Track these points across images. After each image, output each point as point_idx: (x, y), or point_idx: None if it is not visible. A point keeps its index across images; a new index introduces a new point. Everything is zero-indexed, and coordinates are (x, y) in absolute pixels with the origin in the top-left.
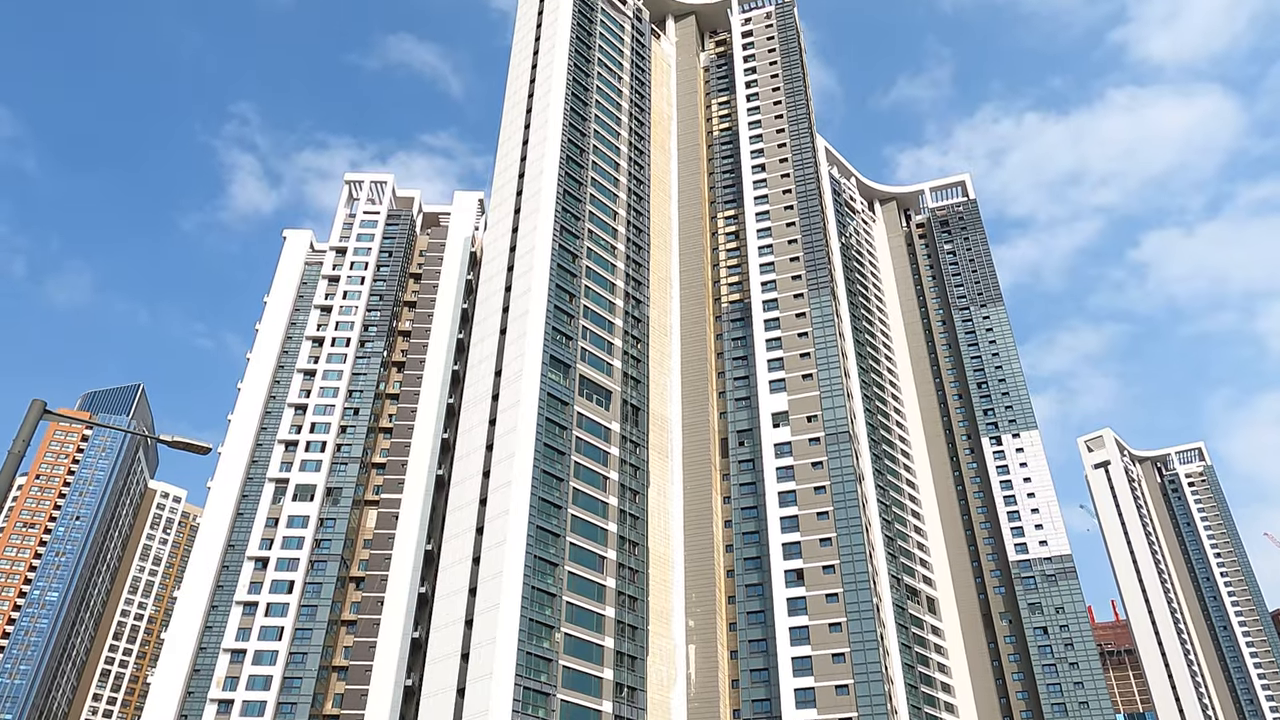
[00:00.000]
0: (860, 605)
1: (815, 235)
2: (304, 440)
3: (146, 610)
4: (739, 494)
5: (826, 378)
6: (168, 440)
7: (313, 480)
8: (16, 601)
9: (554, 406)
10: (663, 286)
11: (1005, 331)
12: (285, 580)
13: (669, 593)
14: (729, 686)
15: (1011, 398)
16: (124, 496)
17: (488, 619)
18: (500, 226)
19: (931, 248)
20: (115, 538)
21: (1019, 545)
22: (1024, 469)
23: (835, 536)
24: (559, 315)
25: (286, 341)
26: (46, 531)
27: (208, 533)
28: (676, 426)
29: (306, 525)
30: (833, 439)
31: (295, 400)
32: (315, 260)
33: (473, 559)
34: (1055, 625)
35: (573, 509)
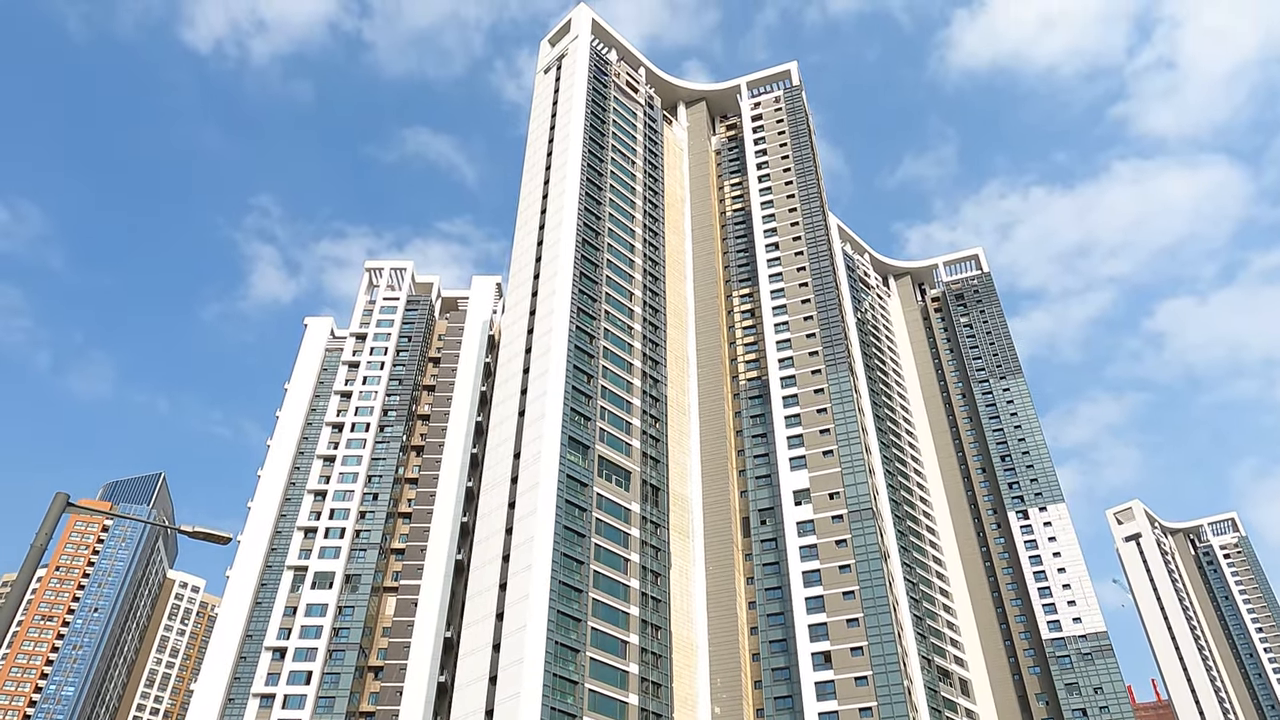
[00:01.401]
0: (890, 688)
1: (831, 311)
2: (323, 526)
3: (163, 705)
4: (762, 574)
5: (847, 454)
6: (188, 531)
7: (331, 567)
8: (32, 697)
9: (573, 488)
10: (680, 365)
11: (1026, 403)
12: (303, 671)
13: (693, 677)
14: None
15: (1036, 470)
16: (143, 586)
17: (508, 709)
18: (518, 309)
19: (948, 321)
20: (133, 629)
21: (1052, 623)
22: (1053, 543)
23: (862, 616)
24: (577, 396)
25: (306, 428)
26: (64, 624)
27: (225, 623)
28: (697, 506)
29: (325, 614)
30: (856, 516)
31: (315, 486)
32: (335, 347)
33: (493, 646)
34: (1094, 706)
35: (593, 593)
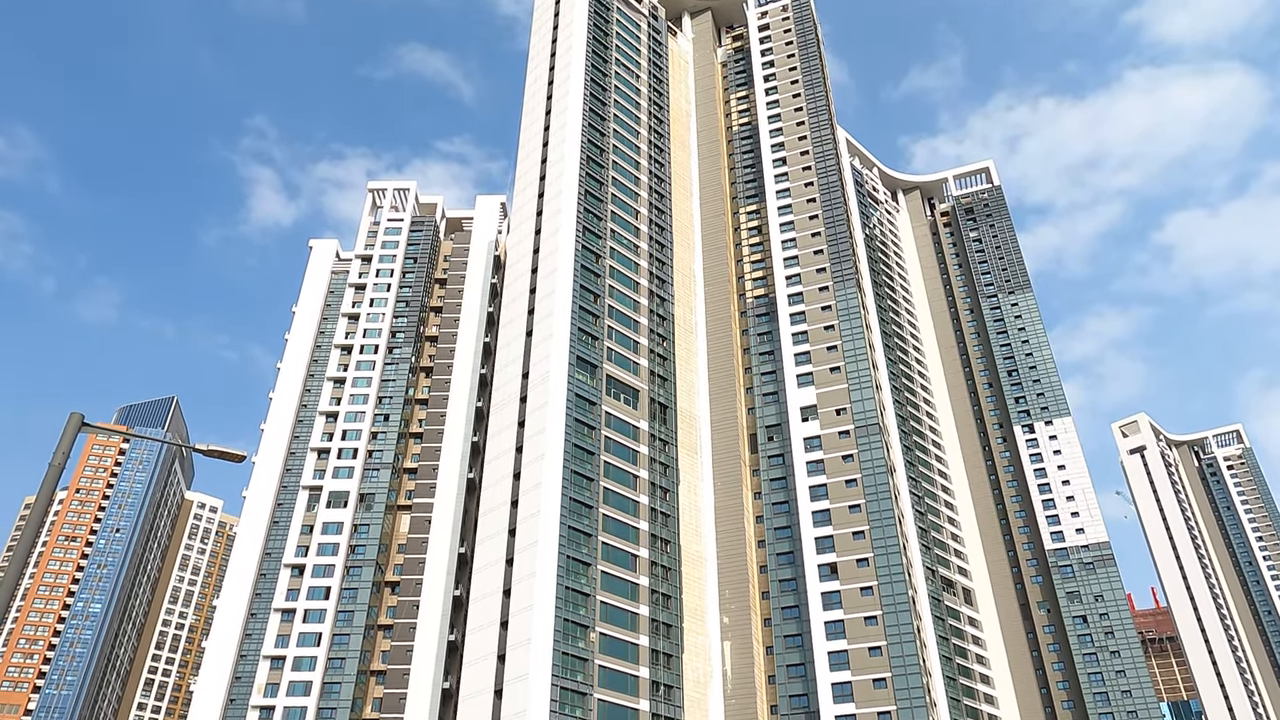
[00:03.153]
0: (896, 598)
1: (839, 227)
2: (336, 447)
3: (187, 620)
4: (769, 489)
5: (854, 370)
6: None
7: (346, 487)
8: (61, 614)
9: (582, 407)
10: (686, 284)
11: (1034, 318)
12: (322, 586)
13: (703, 590)
14: (765, 682)
15: (1043, 384)
16: (162, 508)
17: (523, 620)
18: (523, 229)
19: (957, 236)
20: (155, 549)
21: (1055, 534)
22: (1058, 456)
23: (868, 529)
24: (584, 316)
25: (315, 350)
26: (88, 544)
27: (244, 541)
28: (705, 423)
29: (341, 531)
30: (862, 431)
31: (326, 408)
32: (341, 269)
33: (506, 561)
34: (1095, 614)
35: (604, 508)
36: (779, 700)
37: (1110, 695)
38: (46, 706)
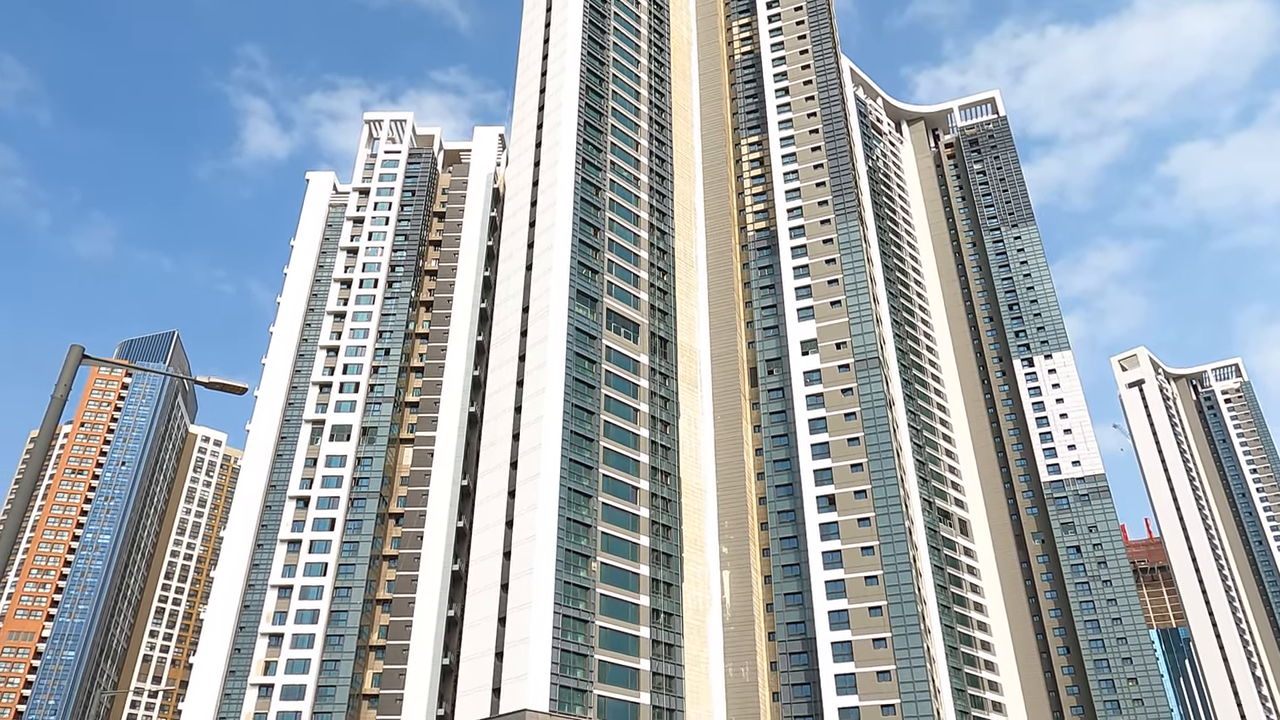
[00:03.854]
0: (893, 529)
1: (842, 159)
2: (337, 381)
3: (195, 550)
4: (769, 422)
5: (855, 304)
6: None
7: (348, 420)
8: (71, 545)
9: (582, 341)
10: (687, 217)
11: (1037, 251)
12: (327, 518)
13: (702, 521)
14: (764, 610)
15: (1044, 318)
16: (166, 441)
17: (525, 550)
18: (521, 161)
19: (961, 168)
20: (161, 481)
21: (1051, 466)
22: (1056, 389)
23: (866, 462)
24: (584, 249)
25: (315, 285)
26: (94, 477)
27: (249, 474)
28: (705, 357)
29: (344, 464)
30: (862, 365)
31: (327, 342)
32: (339, 202)
33: (508, 492)
34: (1088, 544)
35: (604, 441)
36: (777, 627)
37: (1101, 623)
38: (61, 634)
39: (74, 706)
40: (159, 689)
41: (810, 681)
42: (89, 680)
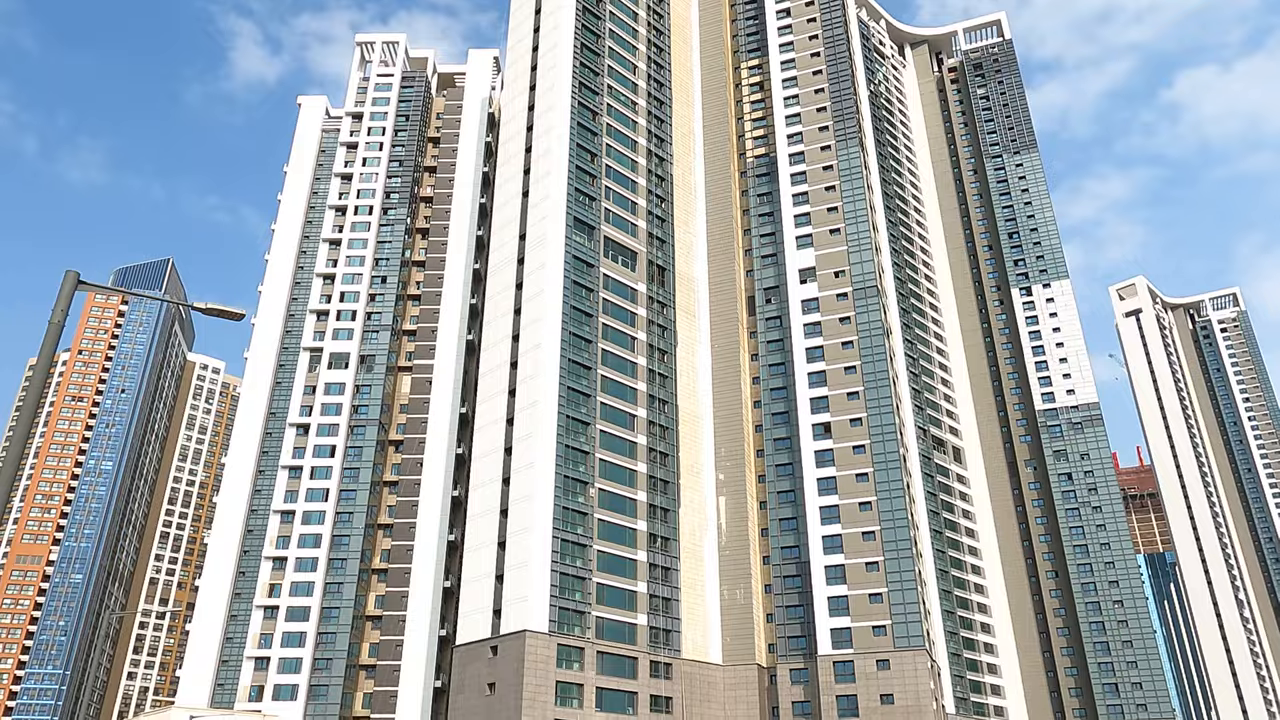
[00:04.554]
0: (887, 455)
1: (844, 83)
2: (334, 309)
3: (197, 477)
4: (766, 351)
5: (854, 232)
6: (202, 308)
7: (346, 348)
8: (74, 471)
9: (579, 269)
10: (686, 143)
11: (1038, 179)
12: (327, 445)
13: (699, 448)
14: (759, 535)
15: (1043, 247)
16: (165, 369)
17: (524, 476)
18: (517, 85)
19: (964, 93)
20: (161, 409)
21: (1046, 394)
22: (1053, 319)
23: (862, 390)
24: (581, 176)
25: (310, 212)
26: (94, 405)
27: (248, 402)
28: (703, 285)
29: (343, 392)
30: (860, 294)
31: (323, 270)
32: (332, 127)
33: (506, 420)
34: (1080, 471)
35: (602, 369)
36: (771, 551)
37: (1089, 548)
38: (68, 558)
39: (83, 627)
40: (166, 610)
41: (804, 604)
42: (97, 602)
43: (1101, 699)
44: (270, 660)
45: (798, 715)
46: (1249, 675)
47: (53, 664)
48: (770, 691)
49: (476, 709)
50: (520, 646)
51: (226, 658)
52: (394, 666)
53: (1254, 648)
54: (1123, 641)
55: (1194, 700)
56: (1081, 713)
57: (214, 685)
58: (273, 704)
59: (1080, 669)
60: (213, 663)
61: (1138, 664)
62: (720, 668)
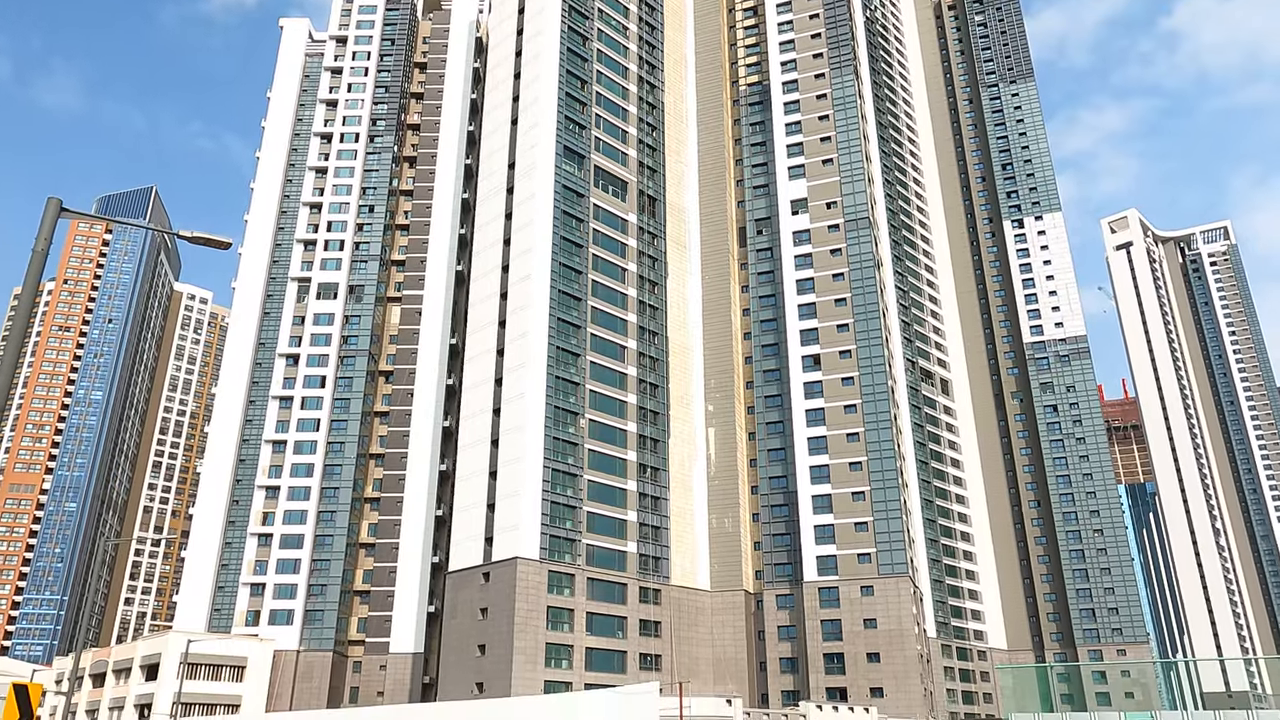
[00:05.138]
0: (875, 388)
1: (839, 8)
2: (322, 239)
3: (188, 407)
4: (757, 283)
5: (847, 162)
6: (188, 236)
7: (334, 279)
8: (64, 401)
9: (569, 199)
10: (678, 70)
11: (1034, 109)
12: (317, 376)
13: (689, 379)
14: (747, 465)
15: (1036, 179)
16: (152, 299)
17: (515, 407)
18: (504, 9)
19: (962, 20)
20: (149, 339)
21: (1034, 327)
22: (1044, 251)
23: (852, 322)
24: (571, 103)
25: (295, 139)
26: (82, 334)
27: (237, 332)
28: (694, 216)
29: (332, 323)
30: (852, 225)
31: (309, 199)
32: (315, 52)
33: (497, 351)
34: (1065, 403)
35: (592, 301)
36: (759, 481)
37: (1072, 478)
38: (61, 486)
39: (79, 554)
40: (161, 538)
41: (790, 532)
42: (93, 529)
43: (1078, 624)
44: (266, 586)
45: (782, 639)
46: (1222, 602)
47: (50, 590)
48: (756, 616)
49: (470, 633)
50: (512, 573)
51: (222, 584)
52: (388, 592)
53: (1228, 575)
54: (1101, 568)
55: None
56: (1058, 636)
57: (211, 610)
58: (269, 628)
59: (1058, 595)
60: (209, 589)
61: (1114, 590)
62: (708, 593)
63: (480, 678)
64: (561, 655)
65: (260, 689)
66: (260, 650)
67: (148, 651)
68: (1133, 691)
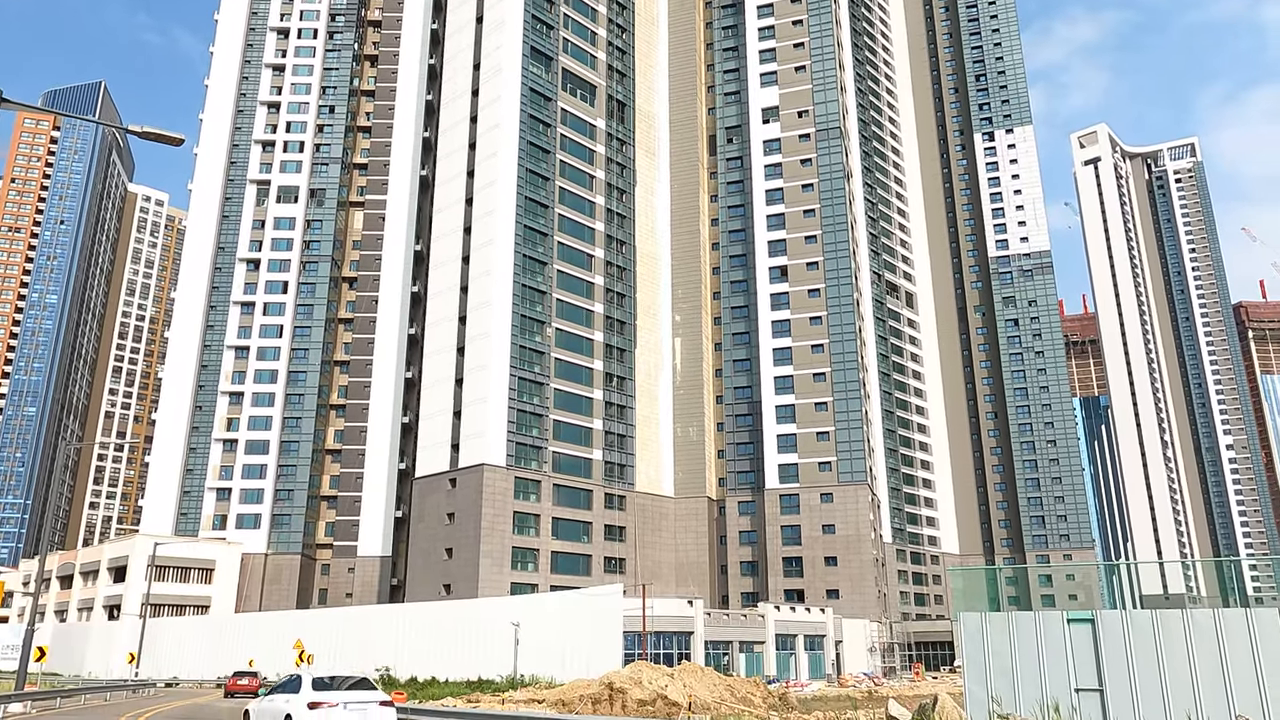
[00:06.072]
0: (841, 299)
1: None
2: (281, 140)
3: (147, 311)
4: (726, 192)
5: (820, 71)
6: (139, 131)
7: (295, 181)
8: (18, 304)
9: (537, 103)
10: None
11: (1010, 17)
12: (279, 281)
13: (656, 289)
14: (712, 375)
15: (1009, 90)
16: (105, 200)
17: (481, 314)
18: None
19: None
20: (104, 241)
21: (1000, 242)
22: (1014, 165)
23: (820, 234)
24: (538, 1)
25: (250, 34)
26: (33, 236)
27: (195, 236)
28: (663, 123)
29: (293, 227)
30: (823, 135)
31: (267, 98)
32: None
33: (462, 258)
34: (1026, 317)
35: (560, 208)
36: (724, 391)
37: (1029, 391)
38: (19, 390)
39: (41, 458)
40: (124, 443)
41: (754, 441)
42: (53, 434)
43: (1028, 530)
44: (232, 491)
45: (743, 544)
46: (1165, 511)
47: (13, 494)
48: (718, 522)
49: (436, 537)
50: (479, 479)
51: (188, 489)
52: (355, 498)
53: (1173, 486)
54: (1052, 478)
55: (1113, 532)
56: (1009, 542)
57: (177, 515)
58: (237, 532)
59: (1010, 503)
60: (174, 494)
61: (1064, 498)
62: (672, 500)
63: (447, 580)
64: (527, 558)
65: (229, 590)
66: (228, 553)
67: (115, 554)
68: (1076, 593)
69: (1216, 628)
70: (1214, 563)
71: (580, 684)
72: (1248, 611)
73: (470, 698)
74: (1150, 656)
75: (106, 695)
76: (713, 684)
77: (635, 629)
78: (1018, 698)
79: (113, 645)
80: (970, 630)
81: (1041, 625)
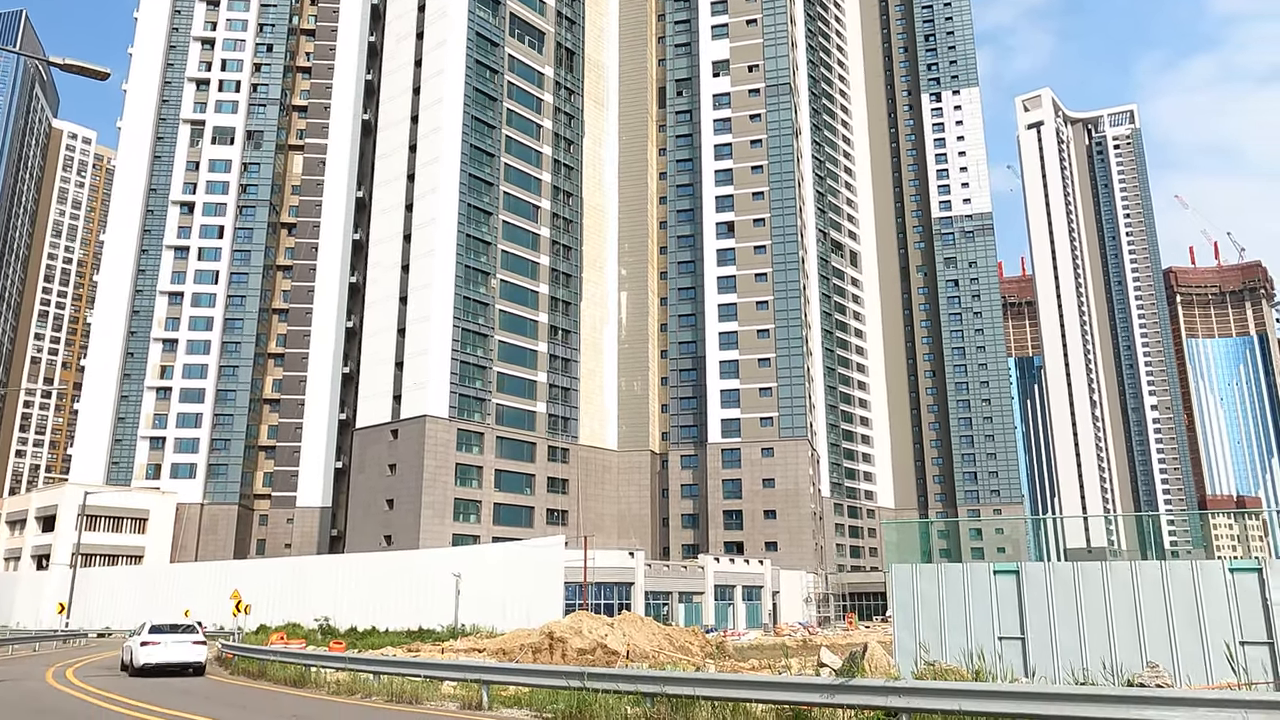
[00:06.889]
0: (786, 256)
1: None
2: (216, 79)
3: (74, 254)
4: (675, 146)
5: (771, 24)
6: (61, 64)
7: (231, 122)
8: None
9: (483, 48)
10: None
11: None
12: (214, 225)
13: (603, 242)
14: (658, 330)
15: (957, 52)
16: (29, 136)
17: (424, 264)
18: None
19: None
20: (28, 179)
21: (944, 203)
22: (959, 127)
23: (768, 191)
24: None
25: None
26: None
27: (125, 176)
28: (613, 74)
29: (230, 170)
30: (773, 91)
31: (200, 33)
32: None
33: (405, 206)
34: (966, 278)
35: (505, 157)
36: (669, 346)
37: (966, 350)
38: None
39: None
40: (52, 389)
41: (697, 396)
42: None
43: (961, 485)
44: (166, 440)
45: (685, 497)
46: (1092, 469)
47: None
48: (661, 475)
49: (377, 488)
50: (420, 431)
51: (120, 437)
52: (294, 448)
53: (1099, 445)
54: (986, 435)
55: (1041, 489)
56: (942, 497)
57: (109, 463)
58: (171, 481)
59: (945, 459)
60: (105, 442)
61: (996, 455)
62: (615, 453)
63: (388, 531)
64: (470, 510)
65: (164, 540)
66: (162, 502)
67: (43, 503)
68: (1004, 546)
69: (1133, 579)
70: (1134, 517)
71: (521, 633)
72: (1162, 564)
73: (410, 647)
74: (1070, 607)
75: (35, 646)
76: (652, 633)
77: (576, 580)
78: (944, 646)
79: (42, 595)
80: (901, 581)
81: (969, 576)
